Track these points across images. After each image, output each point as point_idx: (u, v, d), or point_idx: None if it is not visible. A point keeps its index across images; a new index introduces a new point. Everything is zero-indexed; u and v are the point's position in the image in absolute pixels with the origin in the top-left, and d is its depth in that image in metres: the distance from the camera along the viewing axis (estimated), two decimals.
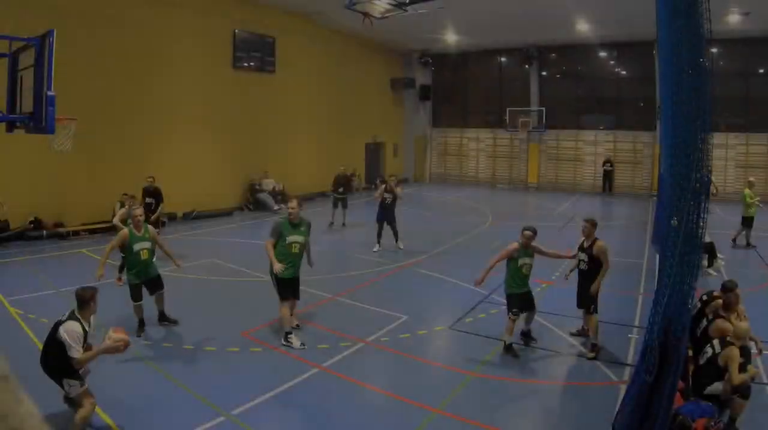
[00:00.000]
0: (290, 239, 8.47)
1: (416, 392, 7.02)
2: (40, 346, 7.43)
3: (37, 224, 15.87)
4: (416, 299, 10.92)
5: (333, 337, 8.80)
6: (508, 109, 31.63)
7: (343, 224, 18.81)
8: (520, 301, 8.26)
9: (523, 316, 8.48)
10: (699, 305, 6.89)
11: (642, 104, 29.16)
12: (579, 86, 31.28)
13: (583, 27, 25.53)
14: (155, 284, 9.05)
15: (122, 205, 17.09)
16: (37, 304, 9.84)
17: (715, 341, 6.09)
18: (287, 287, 8.55)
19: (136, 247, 8.76)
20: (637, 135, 29.27)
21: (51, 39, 6.87)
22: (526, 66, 31.21)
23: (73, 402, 5.81)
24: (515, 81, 32.41)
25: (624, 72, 30.09)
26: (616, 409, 6.04)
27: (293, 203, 8.60)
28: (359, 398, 7.00)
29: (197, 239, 16.84)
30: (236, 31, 22.51)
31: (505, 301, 8.52)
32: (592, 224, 8.35)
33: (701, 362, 6.13)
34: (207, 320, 9.52)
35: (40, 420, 0.46)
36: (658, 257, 5.72)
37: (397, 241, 15.44)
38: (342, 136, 28.93)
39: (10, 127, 8.22)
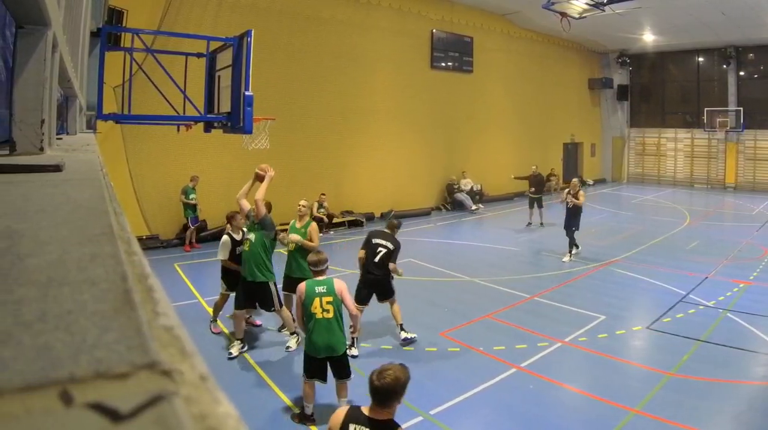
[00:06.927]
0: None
1: (614, 392, 6.72)
2: None
3: None
4: (614, 299, 10.46)
5: (531, 337, 8.53)
6: (705, 109, 29.34)
7: (541, 224, 18.29)
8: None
9: None
10: None
11: None
12: None
13: None
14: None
15: (320, 206, 16.58)
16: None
17: None
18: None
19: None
20: None
21: (249, 39, 6.57)
22: (724, 66, 28.74)
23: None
24: (713, 81, 29.94)
25: None
26: None
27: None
28: (557, 398, 6.77)
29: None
30: (434, 30, 21.67)
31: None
32: None
33: None
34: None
35: (237, 420, 0.43)
36: None
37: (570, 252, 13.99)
38: (540, 135, 27.62)
39: (208, 127, 7.99)
